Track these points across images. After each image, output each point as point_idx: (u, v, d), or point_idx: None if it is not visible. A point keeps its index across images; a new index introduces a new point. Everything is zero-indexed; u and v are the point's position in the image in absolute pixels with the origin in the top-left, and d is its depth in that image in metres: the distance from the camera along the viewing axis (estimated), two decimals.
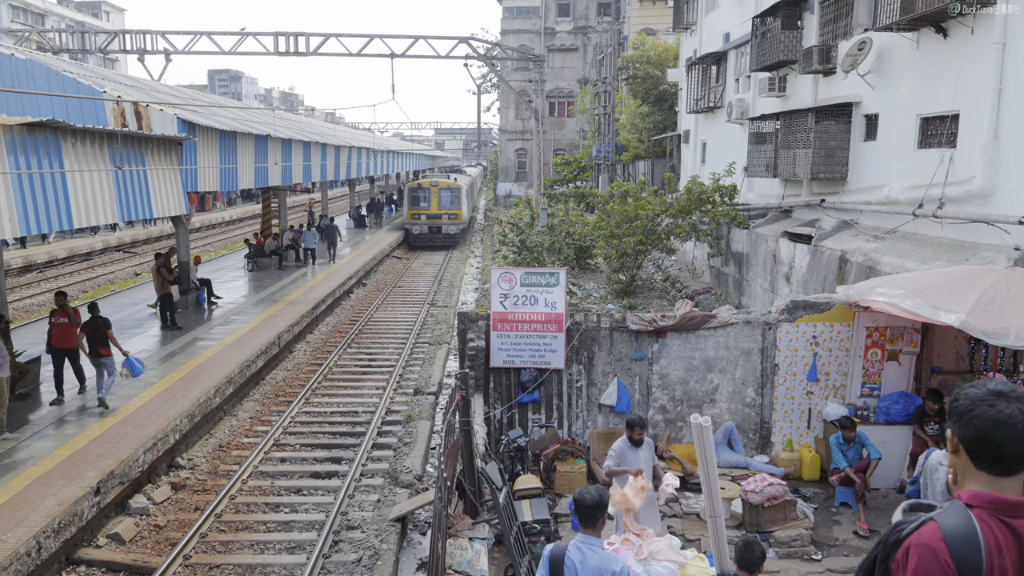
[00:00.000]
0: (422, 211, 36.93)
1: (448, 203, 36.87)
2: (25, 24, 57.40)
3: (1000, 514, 2.16)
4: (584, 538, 4.70)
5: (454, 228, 37.40)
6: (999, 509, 2.17)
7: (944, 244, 12.22)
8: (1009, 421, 2.14)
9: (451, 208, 36.90)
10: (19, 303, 21.95)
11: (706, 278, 24.15)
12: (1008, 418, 2.14)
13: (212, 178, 15.47)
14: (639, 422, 8.03)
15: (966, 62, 11.91)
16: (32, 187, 8.91)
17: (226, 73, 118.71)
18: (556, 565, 4.58)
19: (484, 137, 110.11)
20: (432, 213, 36.86)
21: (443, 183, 37.33)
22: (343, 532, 9.42)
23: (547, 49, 58.59)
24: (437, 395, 15.07)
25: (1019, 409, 2.16)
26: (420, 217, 36.98)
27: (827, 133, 16.10)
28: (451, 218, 37.05)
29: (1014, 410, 2.16)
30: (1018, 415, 2.15)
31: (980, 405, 2.20)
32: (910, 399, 10.30)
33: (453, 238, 37.66)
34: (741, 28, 22.19)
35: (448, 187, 37.13)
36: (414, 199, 37.07)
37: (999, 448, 2.16)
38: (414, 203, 37.01)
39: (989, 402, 2.19)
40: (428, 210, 36.76)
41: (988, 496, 2.18)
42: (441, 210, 36.77)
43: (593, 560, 4.61)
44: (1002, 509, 2.17)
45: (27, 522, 7.99)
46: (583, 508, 4.76)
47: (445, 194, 36.89)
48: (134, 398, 12.04)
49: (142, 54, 33.13)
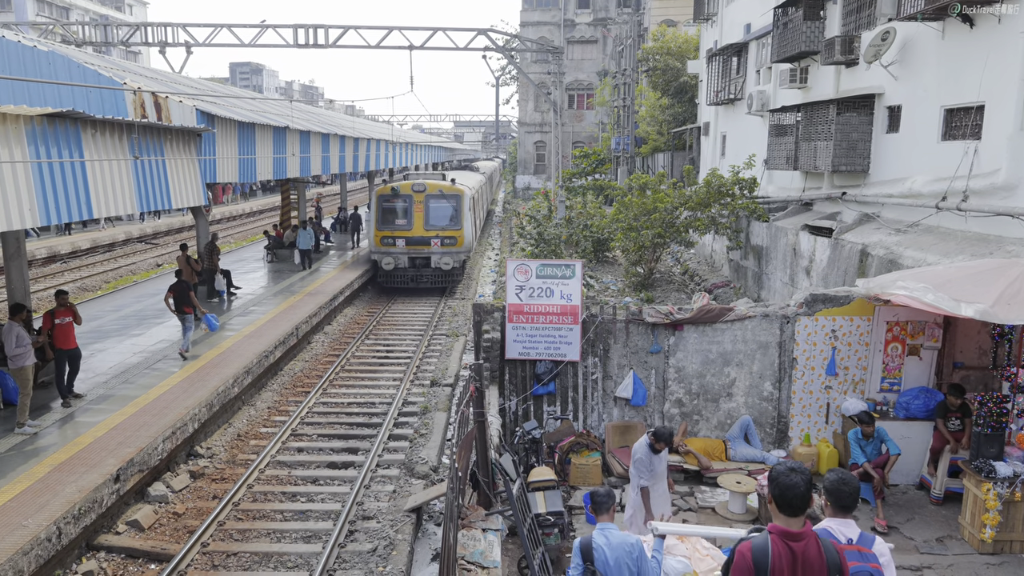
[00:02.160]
0: (398, 232, 23.44)
1: (442, 219, 23.65)
2: (50, 17, 58.10)
3: (785, 539, 3.80)
4: (603, 525, 5.65)
5: (450, 261, 23.46)
6: (785, 536, 3.81)
7: (968, 238, 12.02)
8: (795, 487, 3.79)
9: (446, 227, 23.57)
10: (43, 293, 22.26)
11: (725, 271, 23.96)
12: (795, 484, 3.79)
13: (231, 169, 15.57)
14: (667, 436, 7.93)
15: (992, 52, 11.68)
16: (52, 177, 9.01)
17: (247, 66, 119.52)
18: (587, 551, 5.50)
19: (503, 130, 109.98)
20: (414, 236, 23.49)
21: (433, 186, 23.85)
22: (359, 522, 9.47)
23: (566, 41, 58.35)
24: (454, 387, 15.09)
25: (802, 479, 3.80)
26: (395, 243, 23.36)
27: (849, 125, 15.88)
28: (446, 244, 23.48)
29: (799, 479, 3.80)
30: (801, 483, 3.78)
31: (781, 476, 3.84)
32: (931, 394, 10.16)
33: (448, 277, 23.89)
34: (762, 19, 21.93)
35: (442, 193, 23.77)
36: (387, 213, 23.68)
37: (789, 501, 3.80)
38: (386, 220, 23.60)
39: (786, 475, 3.83)
40: (408, 231, 23.44)
41: (780, 528, 3.83)
42: (430, 231, 23.48)
43: (615, 539, 5.58)
44: (786, 536, 3.81)
45: (48, 508, 8.11)
46: (598, 499, 5.82)
47: (437, 204, 23.69)
48: (153, 387, 12.18)
49: (163, 46, 33.39)
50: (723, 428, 11.00)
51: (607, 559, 5.49)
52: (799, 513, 3.77)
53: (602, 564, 5.48)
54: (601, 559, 5.47)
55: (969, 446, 9.18)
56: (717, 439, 10.86)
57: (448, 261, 23.45)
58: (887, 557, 4.39)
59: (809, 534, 3.80)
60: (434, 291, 24.10)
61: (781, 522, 3.81)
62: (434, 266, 23.52)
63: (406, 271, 23.62)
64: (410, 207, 23.65)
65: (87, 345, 14.27)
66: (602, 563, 5.46)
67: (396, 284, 23.71)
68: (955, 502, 9.17)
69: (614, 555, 5.48)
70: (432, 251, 23.48)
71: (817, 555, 3.74)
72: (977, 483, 8.41)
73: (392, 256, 23.44)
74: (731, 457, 10.57)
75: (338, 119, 36.02)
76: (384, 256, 23.48)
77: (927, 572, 8.04)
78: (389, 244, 23.43)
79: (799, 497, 3.74)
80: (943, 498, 9.45)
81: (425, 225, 23.52)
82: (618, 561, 5.48)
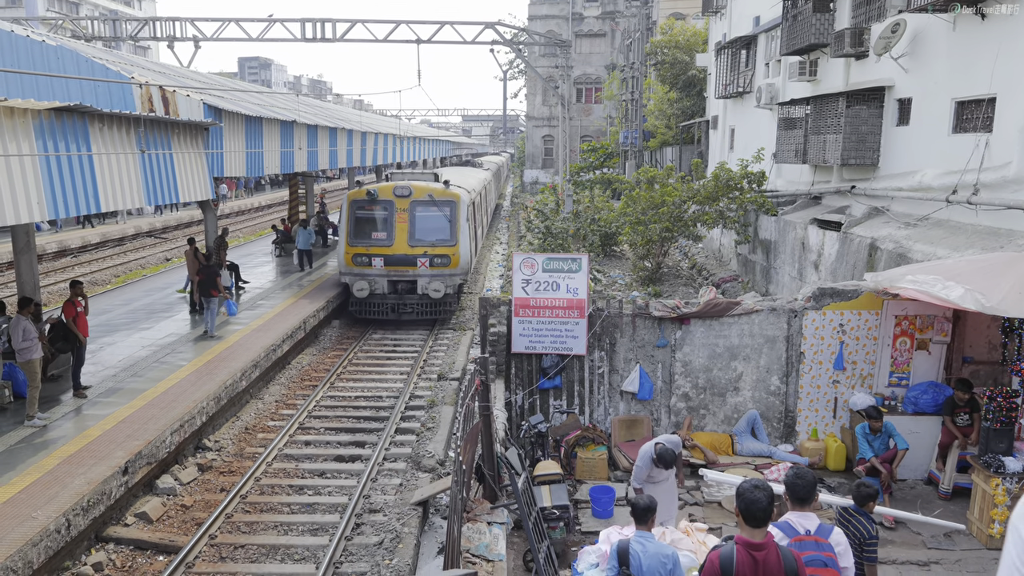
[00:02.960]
0: (376, 249, 18.60)
1: (432, 231, 18.80)
2: (60, 12, 58.31)
3: (748, 548, 4.25)
4: (640, 534, 5.83)
5: (440, 287, 18.49)
6: (748, 546, 4.27)
7: (978, 231, 11.92)
8: (758, 502, 4.24)
9: (437, 243, 18.69)
10: (53, 287, 22.40)
11: (733, 266, 23.87)
12: (758, 500, 4.24)
13: (238, 163, 15.60)
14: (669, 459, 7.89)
15: (1004, 43, 11.56)
16: (60, 171, 9.05)
17: (256, 60, 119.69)
18: (623, 554, 5.71)
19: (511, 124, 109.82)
20: (396, 254, 18.55)
21: (421, 190, 18.91)
22: (365, 515, 9.49)
23: (574, 35, 58.14)
24: (461, 381, 15.10)
25: (764, 496, 4.24)
26: (371, 263, 18.54)
27: (858, 118, 15.77)
28: (436, 263, 18.60)
29: (761, 496, 4.24)
30: (763, 499, 4.23)
31: (747, 492, 4.27)
32: (939, 389, 10.10)
33: (438, 307, 18.88)
34: (771, 11, 21.78)
35: (432, 198, 18.85)
36: (361, 223, 18.95)
37: (753, 514, 4.26)
38: (360, 232, 18.88)
39: (751, 491, 4.27)
40: (388, 247, 18.59)
41: (744, 539, 4.29)
42: (416, 247, 18.60)
43: (651, 548, 5.77)
44: (749, 546, 4.26)
45: (57, 500, 8.16)
46: (638, 510, 5.93)
47: (426, 213, 18.85)
48: (162, 380, 12.24)
49: (172, 41, 33.49)
50: (730, 422, 10.97)
51: (641, 565, 5.67)
52: (762, 525, 4.27)
53: (636, 569, 5.67)
54: (636, 564, 5.66)
55: (978, 441, 9.12)
56: (724, 433, 10.83)
57: (438, 287, 18.40)
58: (843, 547, 4.73)
59: (770, 545, 4.28)
60: (421, 323, 19.12)
61: (746, 533, 4.30)
62: (421, 292, 18.55)
63: (385, 298, 18.61)
64: (391, 216, 18.69)
65: (96, 338, 14.37)
66: (636, 568, 5.65)
67: (372, 315, 18.69)
68: (963, 497, 9.12)
69: (648, 563, 5.65)
70: (419, 273, 18.54)
71: (776, 562, 4.22)
72: (986, 478, 8.37)
73: (367, 279, 18.47)
74: (738, 451, 10.55)
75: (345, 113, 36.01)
76: (357, 279, 18.52)
77: (935, 567, 8.00)
78: (363, 263, 18.50)
79: (762, 511, 4.22)
80: (951, 493, 9.40)
81: (410, 240, 18.57)
82: (651, 569, 5.64)
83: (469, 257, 19.46)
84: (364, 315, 18.78)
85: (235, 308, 16.49)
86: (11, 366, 11.23)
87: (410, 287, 18.73)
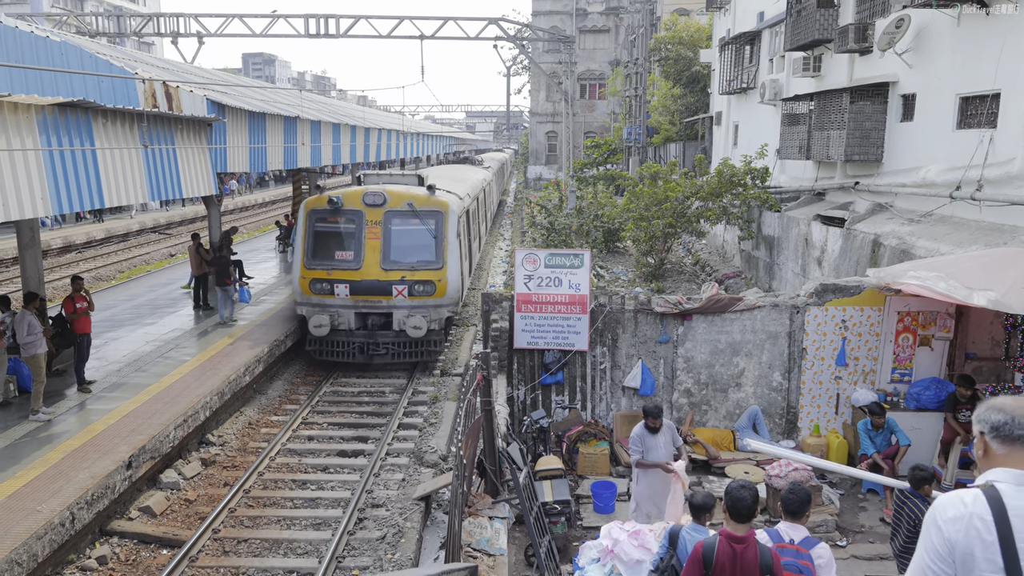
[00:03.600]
0: (339, 273, 14.62)
1: (412, 250, 14.85)
2: (64, 8, 58.39)
3: (731, 541, 4.74)
4: (693, 526, 6.00)
5: (422, 323, 14.51)
6: (730, 538, 4.75)
7: (982, 227, 11.89)
8: (743, 500, 4.76)
9: (418, 265, 14.67)
10: (58, 283, 22.47)
11: (736, 262, 23.85)
12: (743, 498, 4.76)
13: (241, 158, 15.62)
14: (654, 411, 8.13)
15: (1009, 38, 11.52)
16: (64, 166, 9.08)
17: (260, 57, 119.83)
18: (674, 537, 5.92)
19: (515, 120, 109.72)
20: (365, 280, 14.55)
21: (398, 196, 14.89)
22: (368, 510, 9.53)
23: (578, 30, 58.05)
24: (464, 376, 15.12)
25: (749, 495, 4.77)
26: (333, 290, 14.59)
27: (862, 114, 15.73)
28: (418, 292, 14.60)
29: (747, 495, 4.76)
30: (748, 498, 4.76)
31: (734, 491, 4.80)
32: (942, 385, 10.09)
33: (419, 347, 14.74)
34: (775, 7, 21.72)
35: (412, 208, 14.80)
36: (321, 240, 14.99)
37: (738, 511, 4.76)
38: (320, 250, 14.91)
39: (738, 490, 4.79)
40: (355, 270, 14.56)
41: (727, 532, 4.79)
42: (391, 271, 14.56)
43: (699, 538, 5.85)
44: (732, 538, 4.75)
45: (61, 494, 8.21)
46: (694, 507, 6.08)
47: (404, 227, 14.92)
48: (166, 375, 12.29)
49: (175, 37, 33.53)
50: (732, 418, 10.98)
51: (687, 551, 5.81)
52: (745, 521, 4.78)
53: (683, 552, 5.83)
54: (683, 548, 5.83)
55: None
56: (726, 429, 10.84)
57: (419, 322, 14.26)
58: (824, 560, 5.06)
59: (750, 539, 4.75)
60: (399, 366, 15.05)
61: (730, 527, 4.81)
62: (397, 328, 14.42)
63: (351, 336, 14.48)
64: (359, 231, 14.57)
65: (101, 334, 14.42)
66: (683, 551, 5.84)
67: (334, 356, 14.53)
68: None
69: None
70: (394, 304, 14.38)
71: (753, 556, 4.68)
72: None
73: (328, 312, 14.41)
74: (739, 447, 10.55)
75: (349, 109, 36.01)
76: (315, 311, 14.45)
77: None
78: (323, 291, 14.44)
79: (746, 508, 4.76)
80: (953, 489, 9.40)
81: (384, 261, 14.40)
82: None
83: (460, 283, 15.03)
84: (324, 357, 14.67)
85: (248, 295, 17.62)
86: (16, 361, 11.29)
87: (383, 321, 14.66)
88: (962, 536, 2.55)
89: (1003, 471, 2.61)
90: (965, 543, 2.54)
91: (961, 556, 2.56)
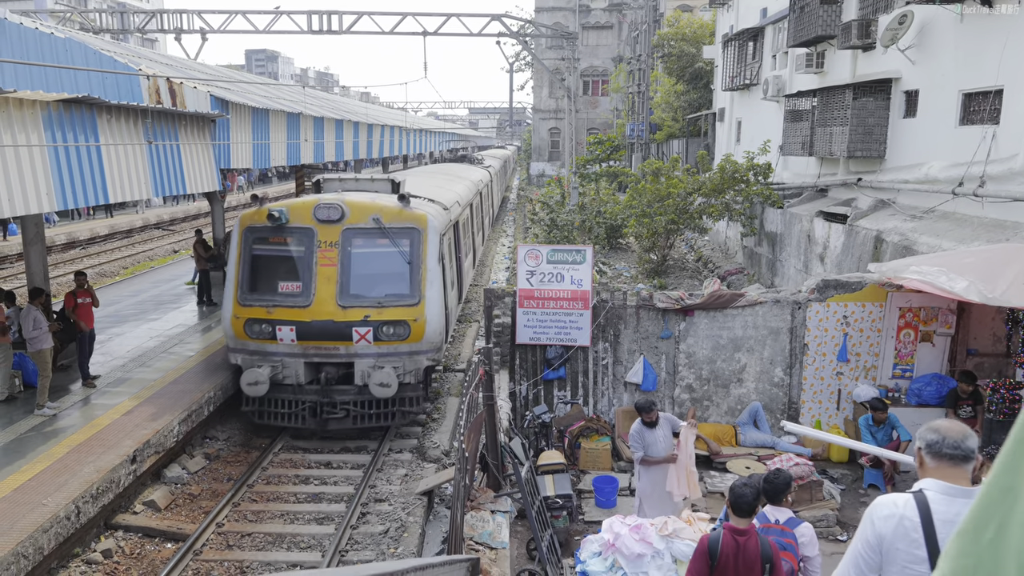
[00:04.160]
0: (284, 311, 10.84)
1: (378, 281, 11.07)
2: (68, 5, 58.46)
3: (734, 533, 5.02)
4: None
5: (389, 378, 10.61)
6: (734, 531, 5.04)
7: (984, 224, 11.90)
8: (745, 496, 5.09)
9: (387, 300, 10.89)
10: (62, 279, 22.55)
11: (739, 258, 23.86)
12: (745, 495, 5.10)
13: (245, 154, 15.66)
14: (646, 406, 8.14)
15: (1011, 35, 11.51)
16: (68, 161, 9.13)
17: (263, 53, 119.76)
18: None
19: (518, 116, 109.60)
20: (318, 321, 10.72)
21: (361, 209, 11.05)
22: (371, 504, 9.58)
23: (581, 27, 57.96)
24: (466, 372, 15.17)
25: (751, 491, 5.12)
26: (275, 334, 10.80)
27: (865, 110, 15.72)
28: (387, 335, 10.78)
29: (748, 492, 5.11)
30: (750, 494, 5.10)
31: (737, 488, 5.14)
32: (943, 381, 10.11)
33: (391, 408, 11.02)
34: (778, 3, 21.70)
35: (378, 224, 10.94)
36: (261, 265, 11.19)
37: (740, 506, 5.09)
38: (259, 281, 11.15)
39: (741, 487, 5.14)
40: (303, 307, 10.77)
41: (731, 526, 5.08)
42: (351, 307, 10.76)
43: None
44: (735, 531, 5.03)
45: (67, 488, 8.27)
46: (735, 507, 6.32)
47: (368, 249, 11.13)
48: (170, 371, 12.34)
49: (179, 33, 33.54)
50: (733, 414, 11.01)
51: None
52: (747, 516, 5.12)
53: None
54: None
55: (981, 434, 9.14)
56: (727, 424, 10.88)
57: (387, 377, 10.67)
58: (806, 538, 5.50)
59: (752, 532, 5.06)
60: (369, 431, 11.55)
61: (734, 521, 5.15)
62: (360, 383, 10.95)
63: (300, 393, 11.05)
64: (309, 255, 11.03)
65: (105, 329, 14.48)
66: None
67: (278, 421, 11.13)
68: None
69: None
70: (356, 352, 10.91)
71: (755, 547, 4.98)
72: (989, 470, 8.38)
73: (269, 363, 11.00)
74: (741, 442, 10.59)
75: (351, 105, 36.03)
76: (252, 361, 11.07)
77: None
78: (263, 335, 10.94)
79: (748, 504, 5.11)
80: None
81: (341, 295, 10.87)
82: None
83: (442, 322, 11.27)
84: (265, 420, 11.15)
85: None
86: (21, 355, 11.35)
87: (342, 374, 11.16)
88: (891, 531, 3.02)
89: (932, 481, 3.04)
90: (892, 537, 3.02)
91: (888, 547, 3.04)
